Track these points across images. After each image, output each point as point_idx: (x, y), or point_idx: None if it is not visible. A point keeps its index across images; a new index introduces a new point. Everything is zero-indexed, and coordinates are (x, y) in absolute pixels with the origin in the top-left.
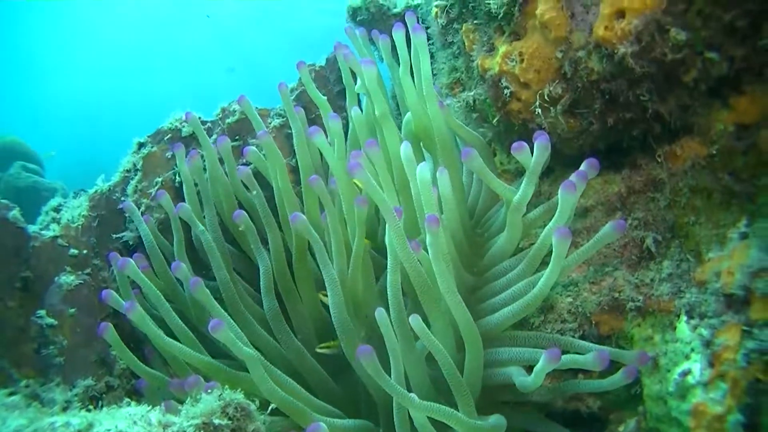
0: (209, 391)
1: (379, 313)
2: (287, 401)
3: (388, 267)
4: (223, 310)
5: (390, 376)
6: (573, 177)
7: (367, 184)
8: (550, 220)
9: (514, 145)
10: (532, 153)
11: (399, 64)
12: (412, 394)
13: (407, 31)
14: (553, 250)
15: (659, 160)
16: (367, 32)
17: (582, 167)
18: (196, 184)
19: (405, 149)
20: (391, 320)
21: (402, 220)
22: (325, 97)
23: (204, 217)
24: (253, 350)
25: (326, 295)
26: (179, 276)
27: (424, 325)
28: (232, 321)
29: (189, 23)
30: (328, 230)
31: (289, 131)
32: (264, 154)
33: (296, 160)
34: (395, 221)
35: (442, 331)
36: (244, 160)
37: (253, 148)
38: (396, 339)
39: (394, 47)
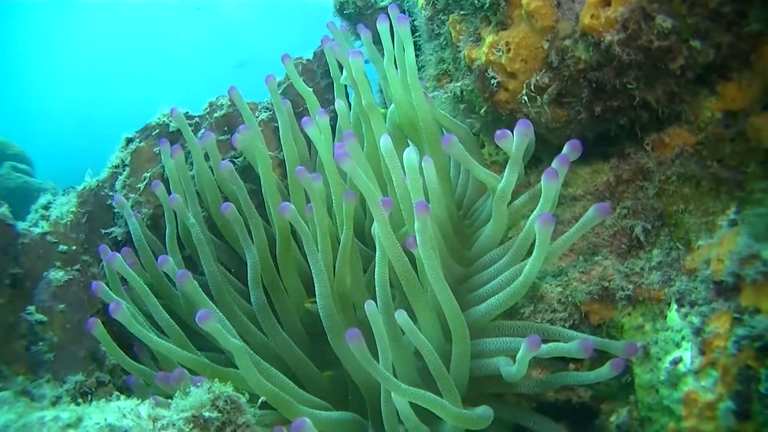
0: (199, 384)
1: (369, 306)
2: (274, 393)
3: (377, 260)
4: (211, 303)
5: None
6: (555, 163)
7: (353, 174)
8: (536, 207)
9: (498, 133)
10: None
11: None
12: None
13: (392, 23)
14: (537, 236)
15: (647, 149)
16: (353, 26)
17: (564, 150)
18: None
19: (384, 142)
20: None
21: (388, 212)
22: (313, 90)
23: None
24: (241, 342)
25: (314, 302)
26: (166, 270)
27: (410, 321)
28: (220, 313)
29: (179, 22)
30: (314, 222)
31: (277, 124)
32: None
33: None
34: (381, 212)
35: (428, 324)
36: (235, 152)
37: (242, 136)
38: (384, 332)
39: (377, 40)
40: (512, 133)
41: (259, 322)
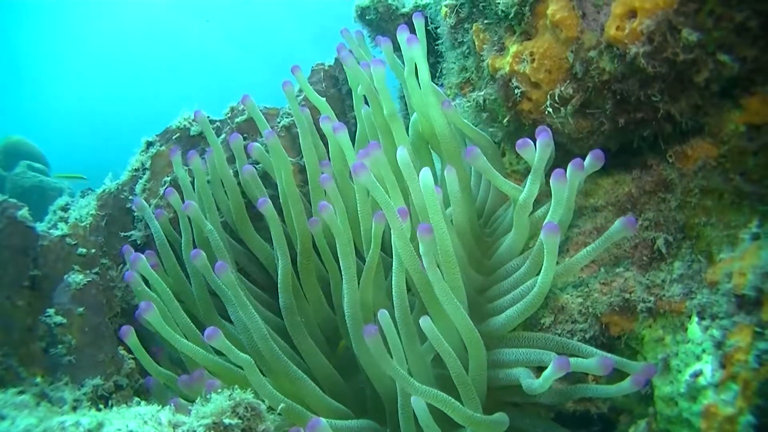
0: (219, 390)
1: (383, 314)
2: (287, 405)
3: (393, 269)
4: (245, 299)
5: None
6: (569, 166)
7: (371, 185)
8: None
9: (519, 142)
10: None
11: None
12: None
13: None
14: (544, 246)
15: (670, 161)
16: (374, 32)
17: (587, 159)
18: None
19: (401, 154)
20: (395, 320)
21: (407, 223)
22: (335, 96)
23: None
24: (248, 356)
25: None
26: (198, 264)
27: (433, 327)
28: (253, 311)
29: (198, 19)
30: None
31: (297, 130)
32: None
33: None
34: (399, 224)
35: (447, 331)
36: (252, 159)
37: (258, 144)
38: (399, 338)
39: (397, 47)
40: (533, 142)
41: (287, 325)
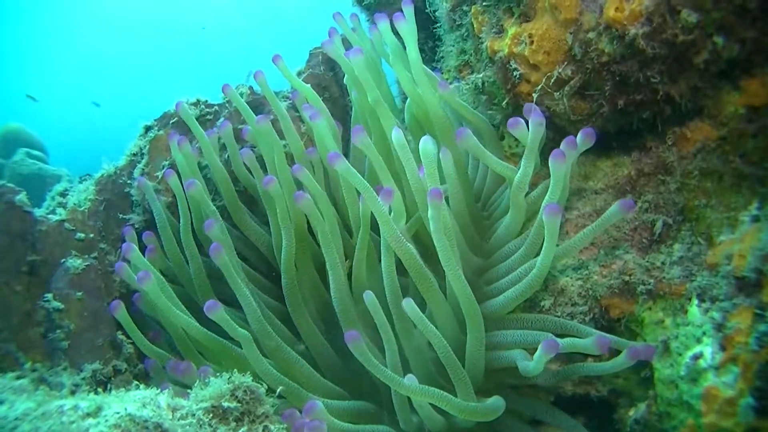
0: (217, 375)
1: (368, 296)
2: (283, 382)
3: (382, 251)
4: (240, 281)
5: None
6: (562, 145)
7: (346, 172)
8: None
9: (510, 120)
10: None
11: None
12: (410, 376)
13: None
14: (545, 228)
15: (669, 143)
16: (372, 17)
17: (578, 137)
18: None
19: (396, 134)
20: (388, 304)
21: (394, 206)
22: (333, 80)
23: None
24: (247, 332)
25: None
26: (211, 235)
27: (417, 309)
28: (248, 293)
29: (195, 8)
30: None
31: (296, 114)
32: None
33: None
34: (381, 209)
35: (441, 314)
36: (248, 144)
37: (252, 128)
38: (387, 323)
39: (395, 32)
40: (525, 122)
41: (288, 305)
